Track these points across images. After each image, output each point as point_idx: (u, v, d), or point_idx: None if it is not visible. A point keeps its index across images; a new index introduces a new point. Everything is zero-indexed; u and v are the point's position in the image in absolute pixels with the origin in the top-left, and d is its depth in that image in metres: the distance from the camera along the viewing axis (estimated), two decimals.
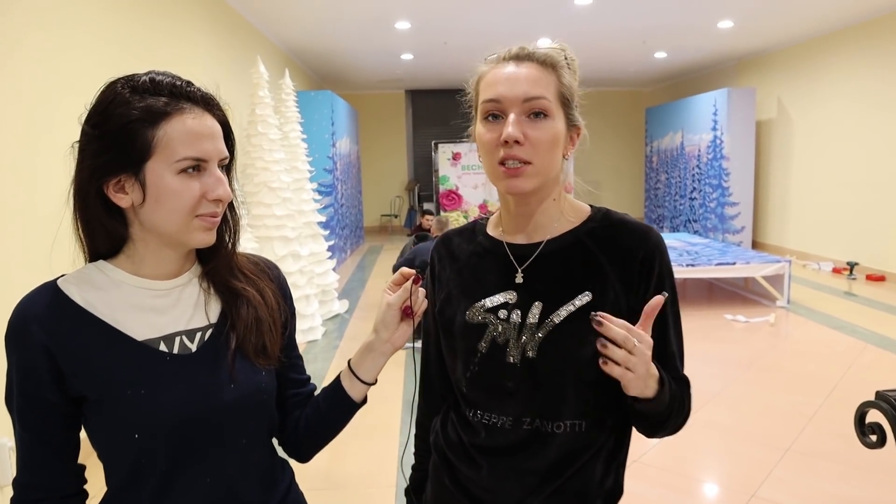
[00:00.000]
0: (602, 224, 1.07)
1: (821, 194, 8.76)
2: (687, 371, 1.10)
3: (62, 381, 0.89)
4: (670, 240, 8.10)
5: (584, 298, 1.02)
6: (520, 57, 1.01)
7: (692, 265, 6.37)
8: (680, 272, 6.24)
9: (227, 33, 6.20)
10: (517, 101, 0.98)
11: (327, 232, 6.78)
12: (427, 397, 1.24)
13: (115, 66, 3.74)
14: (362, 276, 8.72)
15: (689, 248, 7.40)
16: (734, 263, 6.41)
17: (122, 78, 0.91)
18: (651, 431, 1.03)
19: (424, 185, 14.13)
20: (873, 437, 1.61)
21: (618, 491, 1.11)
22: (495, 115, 1.01)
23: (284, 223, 5.44)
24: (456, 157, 12.87)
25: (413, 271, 1.05)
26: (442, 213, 12.61)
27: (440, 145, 12.81)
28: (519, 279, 1.06)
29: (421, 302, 1.06)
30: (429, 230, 7.94)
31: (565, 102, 1.02)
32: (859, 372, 4.49)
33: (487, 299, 1.07)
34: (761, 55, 10.10)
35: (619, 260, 1.03)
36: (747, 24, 8.00)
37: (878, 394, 1.65)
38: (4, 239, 2.79)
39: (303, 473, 1.18)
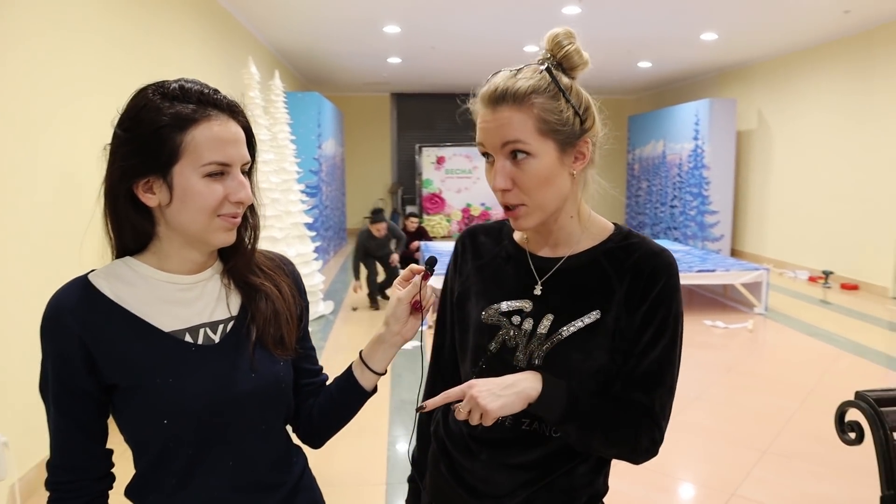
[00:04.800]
0: (620, 245, 1.08)
1: (798, 204, 8.95)
2: None
3: (95, 369, 0.94)
4: None
5: (593, 316, 1.05)
6: (493, 100, 1.00)
7: None
8: None
9: (218, 34, 6.21)
10: (497, 147, 1.00)
11: (313, 233, 6.80)
12: (438, 385, 1.27)
13: (105, 64, 3.75)
14: (345, 277, 8.74)
15: None
16: (714, 270, 6.54)
17: (153, 84, 0.95)
18: (576, 443, 1.04)
19: (408, 188, 14.17)
20: (852, 435, 1.71)
21: (603, 490, 1.16)
22: (487, 154, 1.04)
23: (272, 224, 5.47)
24: (440, 160, 12.91)
25: (422, 268, 1.10)
26: (425, 217, 12.69)
27: (424, 149, 12.85)
28: (538, 291, 1.10)
29: (429, 297, 1.11)
30: (415, 232, 7.99)
31: (550, 130, 0.99)
32: (834, 377, 4.62)
33: (504, 303, 1.12)
34: (743, 67, 10.30)
35: (627, 278, 1.05)
36: (730, 36, 8.17)
37: (857, 394, 1.75)
38: (35, 236, 2.81)
39: None
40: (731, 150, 9.88)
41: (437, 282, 3.49)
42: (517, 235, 1.18)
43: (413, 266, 1.12)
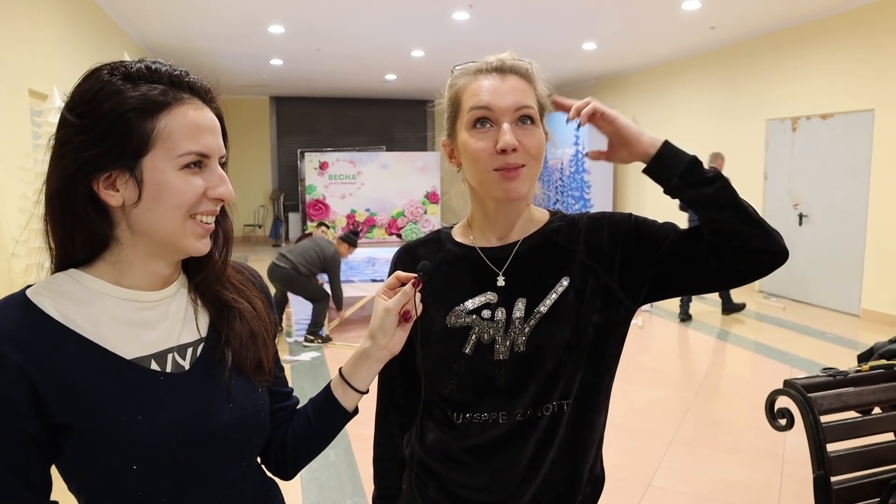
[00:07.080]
0: (565, 222, 1.12)
1: (671, 205, 9.50)
2: None
3: (42, 408, 0.76)
4: None
5: (564, 283, 1.06)
6: (503, 70, 1.04)
7: None
8: None
9: (84, 30, 5.67)
10: (509, 110, 1.00)
11: None
12: (401, 416, 1.19)
13: None
14: None
15: None
16: None
17: (108, 65, 0.81)
18: (716, 194, 1.06)
19: (289, 195, 13.78)
20: (783, 421, 1.78)
21: (602, 476, 1.13)
22: (484, 121, 1.01)
23: None
24: (323, 166, 12.61)
25: (410, 275, 1.01)
26: (309, 223, 12.32)
27: (307, 154, 12.53)
28: (501, 281, 1.07)
29: (419, 306, 1.02)
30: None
31: (541, 110, 1.06)
32: (719, 366, 4.94)
33: (468, 301, 1.07)
34: (619, 76, 10.86)
35: (587, 240, 1.09)
36: (609, 47, 8.57)
37: (786, 382, 1.82)
38: None
39: None
40: None
41: None
42: (460, 236, 1.14)
43: (399, 273, 1.02)
